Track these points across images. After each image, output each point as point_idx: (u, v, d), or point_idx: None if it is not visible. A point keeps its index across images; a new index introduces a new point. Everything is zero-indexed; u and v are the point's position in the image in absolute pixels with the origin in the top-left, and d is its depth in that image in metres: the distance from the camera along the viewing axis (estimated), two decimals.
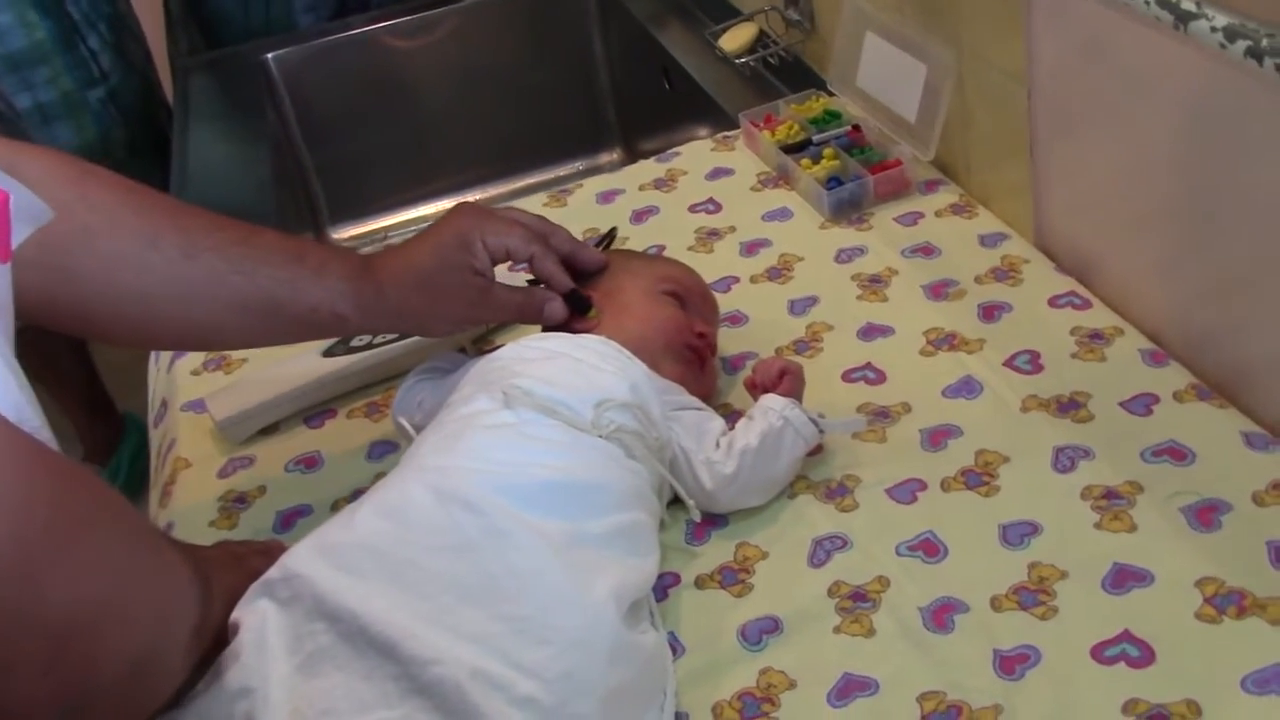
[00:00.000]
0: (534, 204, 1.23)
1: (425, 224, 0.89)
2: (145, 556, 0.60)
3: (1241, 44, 0.69)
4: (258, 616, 0.67)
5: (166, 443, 1.01)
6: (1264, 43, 0.68)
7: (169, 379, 1.08)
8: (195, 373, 1.06)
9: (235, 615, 0.68)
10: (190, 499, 0.93)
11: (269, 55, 1.69)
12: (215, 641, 0.67)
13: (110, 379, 2.17)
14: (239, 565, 0.73)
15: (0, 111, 1.69)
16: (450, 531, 0.70)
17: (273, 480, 0.93)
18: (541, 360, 0.83)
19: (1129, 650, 0.71)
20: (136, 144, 1.84)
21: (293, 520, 0.89)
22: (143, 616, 0.58)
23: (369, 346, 1.01)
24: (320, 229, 1.73)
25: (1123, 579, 0.75)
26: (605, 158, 1.80)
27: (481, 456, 0.75)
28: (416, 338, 0.99)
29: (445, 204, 1.58)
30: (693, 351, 0.90)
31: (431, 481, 0.73)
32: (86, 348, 2.13)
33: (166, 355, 1.11)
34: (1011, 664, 0.71)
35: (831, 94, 1.26)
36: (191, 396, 1.03)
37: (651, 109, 1.66)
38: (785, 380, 0.86)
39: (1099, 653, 0.71)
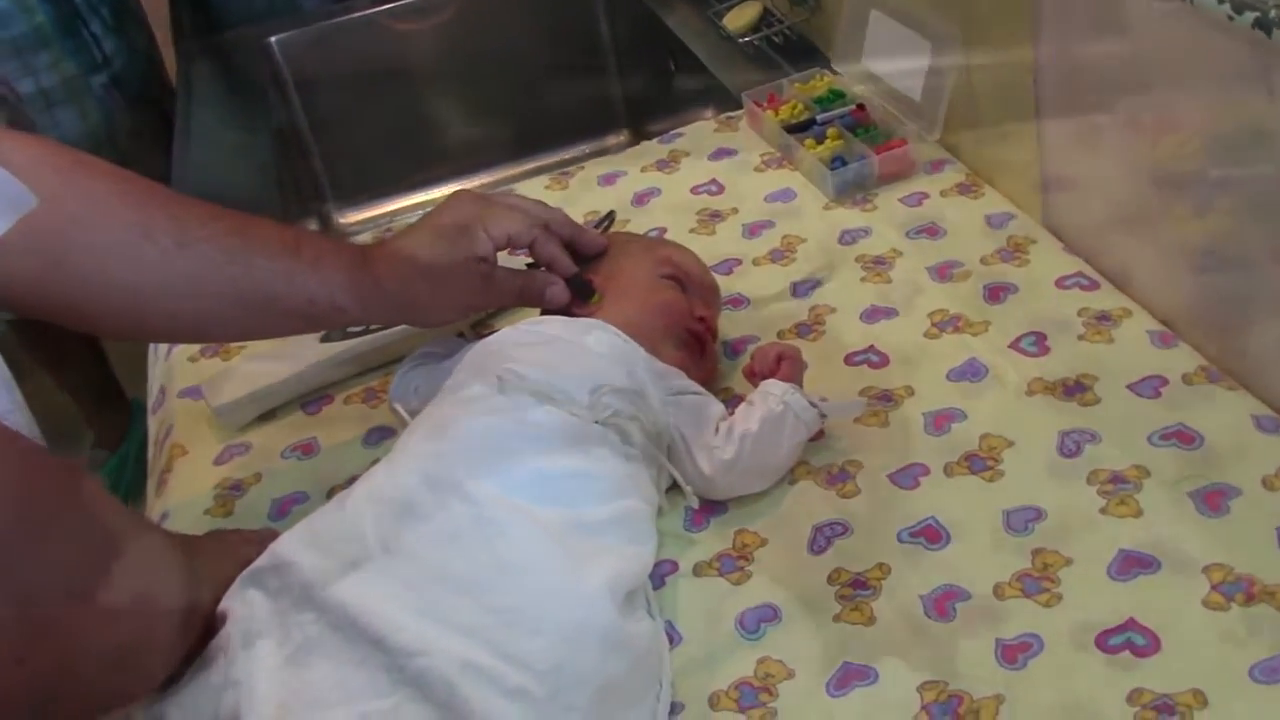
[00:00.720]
0: (535, 186, 1.22)
1: (430, 208, 0.88)
2: (124, 547, 0.59)
3: (1250, 15, 0.67)
4: (245, 606, 0.66)
5: (164, 430, 1.00)
6: (1272, 14, 0.66)
7: (167, 366, 1.07)
8: (193, 359, 1.05)
9: (223, 605, 0.67)
10: (186, 486, 0.93)
11: (273, 38, 1.68)
12: (205, 632, 0.67)
13: (119, 365, 2.17)
14: (231, 554, 0.72)
15: (3, 97, 1.68)
16: (441, 519, 0.69)
17: (269, 467, 0.92)
18: (537, 345, 0.82)
19: (1134, 638, 0.69)
20: (141, 129, 1.83)
21: (288, 508, 0.88)
22: (121, 608, 0.57)
23: (367, 331, 0.99)
24: (325, 214, 1.72)
25: (1128, 565, 0.74)
26: (612, 140, 1.78)
27: (474, 443, 0.74)
28: None
29: (451, 188, 1.57)
30: (693, 335, 0.88)
31: (422, 468, 0.72)
32: (103, 354, 2.14)
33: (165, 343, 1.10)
34: (1014, 653, 0.70)
35: (836, 73, 1.24)
36: (189, 383, 1.02)
37: (658, 91, 1.64)
38: (783, 365, 0.84)
39: (1103, 641, 0.70)
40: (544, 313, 0.90)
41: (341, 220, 1.73)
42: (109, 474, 2.10)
